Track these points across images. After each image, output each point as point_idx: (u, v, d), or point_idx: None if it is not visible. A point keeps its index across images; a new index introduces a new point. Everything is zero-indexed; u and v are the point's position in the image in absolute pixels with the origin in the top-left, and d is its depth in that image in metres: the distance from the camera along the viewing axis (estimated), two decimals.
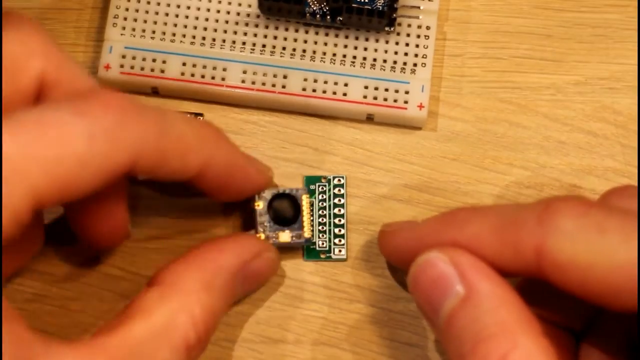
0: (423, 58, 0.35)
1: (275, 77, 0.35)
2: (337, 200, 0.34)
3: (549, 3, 0.37)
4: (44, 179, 0.25)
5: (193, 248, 0.31)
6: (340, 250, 0.34)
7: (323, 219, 0.34)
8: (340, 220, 0.34)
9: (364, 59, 0.35)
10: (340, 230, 0.34)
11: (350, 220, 0.34)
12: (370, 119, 0.35)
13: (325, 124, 0.36)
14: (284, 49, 0.36)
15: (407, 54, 0.35)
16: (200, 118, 0.35)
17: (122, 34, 0.36)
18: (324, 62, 0.35)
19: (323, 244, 0.34)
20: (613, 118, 0.36)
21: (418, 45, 0.36)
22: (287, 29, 0.36)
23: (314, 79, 0.35)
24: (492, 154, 0.35)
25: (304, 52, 0.36)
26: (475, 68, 0.36)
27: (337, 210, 0.34)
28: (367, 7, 0.34)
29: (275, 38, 0.36)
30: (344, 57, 0.35)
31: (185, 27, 0.36)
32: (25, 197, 0.25)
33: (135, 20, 0.36)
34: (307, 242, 0.33)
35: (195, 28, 0.36)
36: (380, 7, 0.34)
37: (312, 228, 0.33)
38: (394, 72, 0.35)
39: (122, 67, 0.35)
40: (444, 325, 0.27)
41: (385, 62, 0.35)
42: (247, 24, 0.36)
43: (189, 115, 0.35)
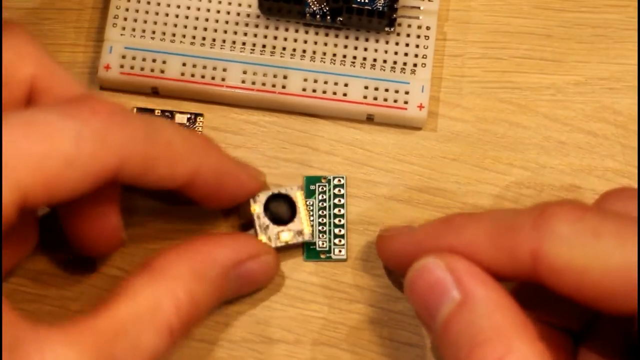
0: (423, 58, 0.35)
1: (275, 77, 0.35)
2: (337, 201, 0.34)
3: (549, 3, 0.37)
4: (31, 175, 0.26)
5: (190, 239, 0.31)
6: (340, 251, 0.34)
7: (323, 219, 0.34)
8: (340, 221, 0.34)
9: (364, 59, 0.35)
10: (340, 231, 0.34)
11: (350, 221, 0.34)
12: (370, 119, 0.35)
13: (325, 124, 0.36)
14: (284, 49, 0.36)
15: (407, 54, 0.35)
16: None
17: (122, 34, 0.36)
18: (324, 62, 0.35)
19: (323, 244, 0.34)
20: (613, 118, 0.36)
21: (418, 46, 0.36)
22: (287, 29, 0.36)
23: (314, 79, 0.35)
24: (492, 154, 0.35)
25: (304, 52, 0.36)
26: (475, 68, 0.36)
27: (337, 211, 0.34)
28: (367, 7, 0.34)
29: (275, 38, 0.36)
30: (344, 57, 0.35)
31: (185, 27, 0.36)
32: (11, 192, 0.25)
33: (135, 21, 0.36)
34: (308, 238, 0.33)
35: (195, 28, 0.36)
36: (380, 7, 0.34)
37: (311, 223, 0.33)
38: (394, 72, 0.35)
39: (122, 67, 0.35)
40: (441, 331, 0.27)
41: (385, 62, 0.35)
42: (247, 24, 0.36)
43: (178, 124, 0.35)
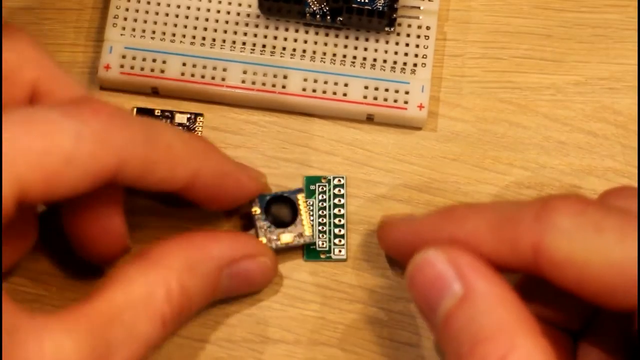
0: (423, 58, 0.35)
1: (275, 77, 0.35)
2: (337, 201, 0.34)
3: (549, 3, 0.37)
4: (30, 170, 0.26)
5: (189, 232, 0.31)
6: (340, 251, 0.34)
7: (323, 219, 0.34)
8: (340, 221, 0.34)
9: (364, 59, 0.35)
10: (340, 231, 0.34)
11: (350, 221, 0.34)
12: (370, 119, 0.35)
13: (325, 124, 0.36)
14: (284, 49, 0.36)
15: (407, 54, 0.35)
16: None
17: (122, 34, 0.36)
18: (324, 62, 0.35)
19: (323, 244, 0.34)
20: (613, 118, 0.36)
21: (418, 46, 0.36)
22: (287, 29, 0.36)
23: (314, 79, 0.35)
24: (492, 154, 0.35)
25: (304, 52, 0.36)
26: (475, 68, 0.36)
27: (337, 211, 0.34)
28: (367, 7, 0.34)
29: (275, 38, 0.36)
30: (344, 57, 0.35)
31: (185, 27, 0.36)
32: (11, 186, 0.25)
33: (135, 21, 0.36)
34: (309, 240, 0.33)
35: (195, 28, 0.36)
36: (380, 7, 0.34)
37: (312, 226, 0.33)
38: (394, 72, 0.35)
39: (122, 67, 0.35)
40: (442, 326, 0.27)
41: (385, 62, 0.35)
42: (247, 24, 0.36)
43: (178, 127, 0.35)
